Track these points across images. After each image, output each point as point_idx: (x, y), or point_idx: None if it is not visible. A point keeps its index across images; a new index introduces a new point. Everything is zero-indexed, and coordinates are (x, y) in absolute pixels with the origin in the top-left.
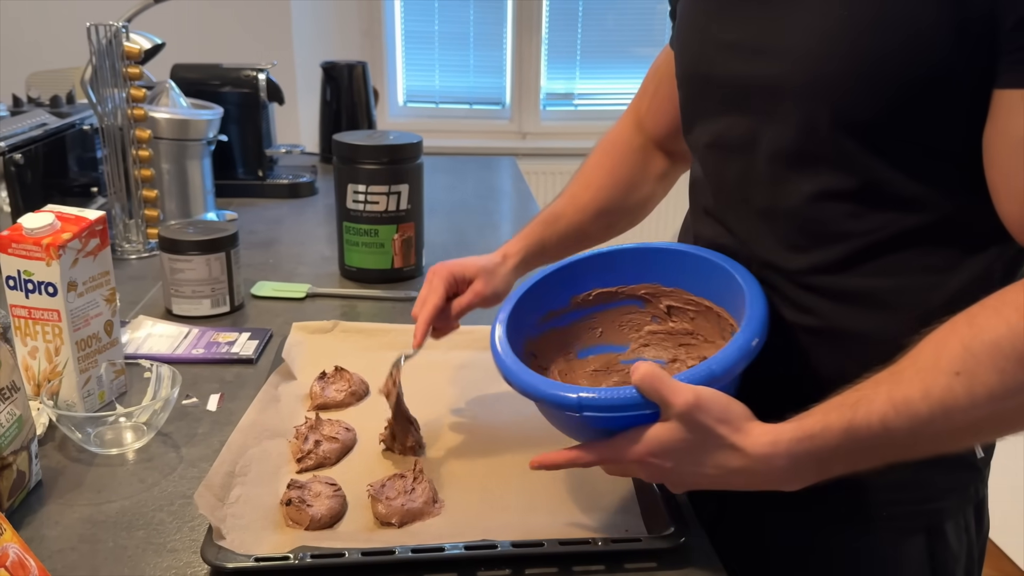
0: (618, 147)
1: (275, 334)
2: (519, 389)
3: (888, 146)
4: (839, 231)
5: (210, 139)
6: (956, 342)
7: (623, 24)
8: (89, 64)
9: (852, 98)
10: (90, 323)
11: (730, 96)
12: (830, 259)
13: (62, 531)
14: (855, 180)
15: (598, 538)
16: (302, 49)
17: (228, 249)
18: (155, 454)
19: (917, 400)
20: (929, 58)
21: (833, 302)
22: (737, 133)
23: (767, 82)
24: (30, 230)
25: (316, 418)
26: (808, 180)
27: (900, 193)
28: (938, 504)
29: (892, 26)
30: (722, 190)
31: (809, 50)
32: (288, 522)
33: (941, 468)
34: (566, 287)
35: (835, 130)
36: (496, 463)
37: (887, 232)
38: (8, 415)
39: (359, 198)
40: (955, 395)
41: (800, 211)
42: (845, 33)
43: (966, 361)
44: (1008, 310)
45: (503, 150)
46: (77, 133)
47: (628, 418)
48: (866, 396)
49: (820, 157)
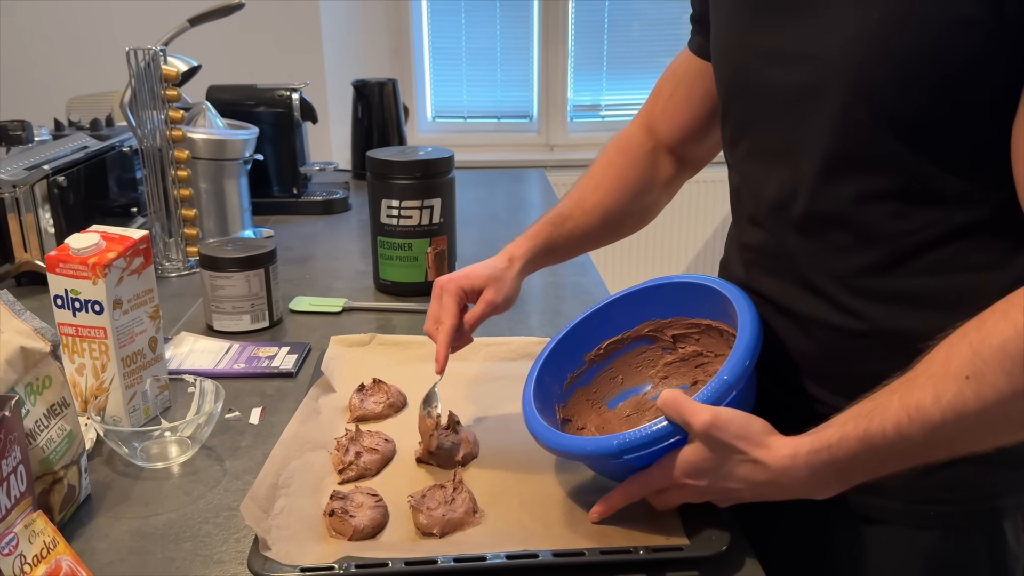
0: (628, 150)
1: (313, 348)
2: (566, 455)
3: (929, 144)
4: (885, 232)
5: (246, 158)
6: (965, 346)
7: (648, 34)
8: (128, 87)
9: (889, 97)
10: (135, 340)
11: (770, 103)
12: (877, 260)
13: (112, 543)
14: (898, 180)
15: (639, 547)
16: (332, 68)
17: (267, 265)
18: (200, 467)
19: (929, 406)
20: (964, 53)
21: (882, 304)
22: (778, 139)
23: (805, 87)
24: (76, 250)
25: (356, 430)
26: (851, 182)
27: (944, 191)
28: (995, 502)
29: (924, 22)
30: (765, 197)
31: (843, 52)
32: (331, 533)
33: (995, 465)
34: (577, 348)
35: (875, 130)
36: (534, 472)
37: (933, 231)
38: (59, 430)
39: (393, 213)
40: (965, 399)
41: (845, 214)
42: (877, 33)
43: (975, 365)
44: (1015, 312)
45: (531, 163)
46: (117, 155)
47: (664, 448)
48: (880, 405)
49: (862, 159)
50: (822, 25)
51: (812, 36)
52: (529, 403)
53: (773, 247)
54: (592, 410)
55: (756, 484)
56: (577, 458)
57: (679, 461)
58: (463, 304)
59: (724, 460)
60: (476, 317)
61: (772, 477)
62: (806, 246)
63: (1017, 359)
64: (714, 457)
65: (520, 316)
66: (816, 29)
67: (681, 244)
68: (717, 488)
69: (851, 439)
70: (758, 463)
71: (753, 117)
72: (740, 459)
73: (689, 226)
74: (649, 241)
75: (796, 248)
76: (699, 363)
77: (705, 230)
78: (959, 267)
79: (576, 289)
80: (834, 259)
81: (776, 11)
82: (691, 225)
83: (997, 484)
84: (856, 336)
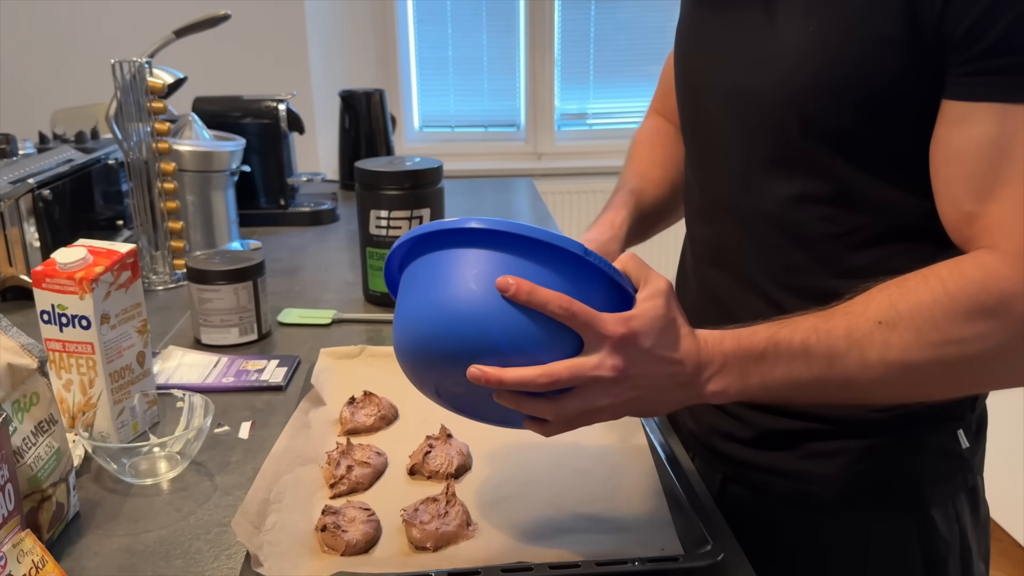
0: (662, 133)
1: (303, 360)
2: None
3: (857, 153)
4: (812, 234)
5: (233, 170)
6: (884, 296)
7: (634, 43)
8: (114, 100)
9: (821, 109)
10: (123, 355)
11: (715, 106)
12: (805, 261)
13: (102, 562)
14: (829, 185)
15: (635, 558)
16: (319, 78)
17: (255, 278)
18: (189, 483)
19: (839, 336)
20: (887, 70)
21: (810, 302)
22: (720, 141)
23: (746, 93)
24: (63, 264)
25: (347, 443)
26: (785, 185)
27: (873, 197)
28: (923, 491)
29: (856, 42)
30: (710, 194)
31: (783, 64)
32: (324, 548)
33: (923, 457)
34: None
35: (806, 139)
36: (528, 483)
37: (862, 235)
38: (47, 447)
39: (382, 223)
40: (873, 340)
41: (778, 214)
42: (815, 49)
43: (889, 314)
44: (934, 280)
45: (519, 171)
46: (102, 168)
47: (614, 288)
48: (795, 320)
49: (795, 163)
50: (768, 36)
51: (751, 47)
52: None
53: (717, 242)
54: None
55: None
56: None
57: (636, 312)
58: None
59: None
60: None
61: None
62: (743, 243)
63: (929, 319)
64: (668, 316)
65: None
66: (757, 36)
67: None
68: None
69: (759, 335)
70: (692, 336)
71: (699, 119)
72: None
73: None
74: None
75: (735, 244)
76: None
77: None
78: (881, 271)
79: None
80: (767, 257)
81: (720, 22)
82: None
83: (924, 474)
84: None
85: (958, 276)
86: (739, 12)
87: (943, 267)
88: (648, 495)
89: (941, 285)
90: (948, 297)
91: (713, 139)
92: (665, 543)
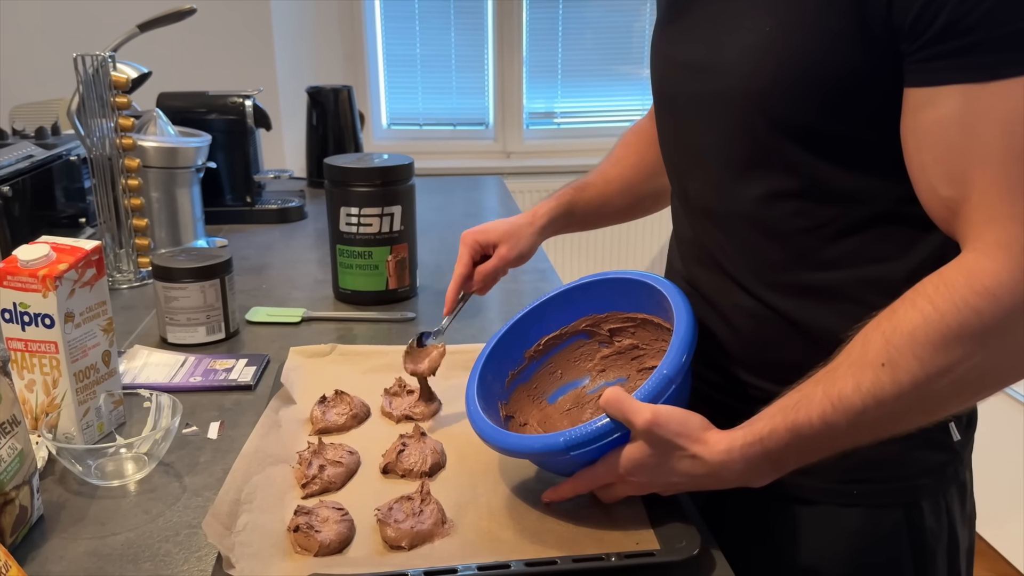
0: (643, 133)
1: (272, 359)
2: (512, 453)
3: (823, 148)
4: (786, 229)
5: (199, 166)
6: (879, 335)
7: (601, 43)
8: (76, 94)
9: (783, 106)
10: (88, 354)
11: (687, 111)
12: (782, 257)
13: (67, 566)
14: (799, 180)
15: (611, 553)
16: (285, 74)
17: (222, 276)
18: (157, 484)
19: (850, 394)
20: (844, 64)
21: (793, 297)
22: (693, 143)
23: (711, 96)
24: (25, 262)
25: (319, 443)
26: (756, 184)
27: (843, 188)
28: (913, 482)
29: (812, 39)
30: (689, 196)
31: (744, 66)
32: (297, 548)
33: (914, 448)
34: (516, 346)
35: (772, 136)
36: (502, 481)
37: (833, 227)
38: (9, 449)
39: (352, 221)
40: (882, 385)
41: (751, 213)
42: (774, 49)
43: (889, 353)
44: (922, 301)
45: (488, 170)
46: (64, 164)
47: (609, 444)
48: (806, 396)
49: (764, 162)
50: (723, 38)
51: (715, 48)
52: (473, 402)
53: (700, 242)
54: (533, 405)
55: (695, 477)
56: (524, 456)
57: (623, 459)
58: (478, 255)
59: (666, 457)
60: (487, 270)
61: (710, 470)
62: (723, 242)
63: (927, 345)
64: (655, 454)
65: (483, 323)
66: (718, 42)
67: (640, 247)
68: (659, 482)
69: (781, 431)
70: (696, 458)
71: (674, 122)
72: (680, 455)
73: (647, 229)
74: (609, 245)
75: (716, 243)
76: (635, 355)
77: (663, 234)
78: (859, 260)
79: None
80: (748, 256)
81: (691, 26)
82: (649, 229)
83: (915, 465)
84: (774, 327)
85: (943, 288)
86: (701, 18)
87: (928, 283)
88: None
89: (930, 303)
90: (938, 314)
91: (688, 146)
92: (640, 538)
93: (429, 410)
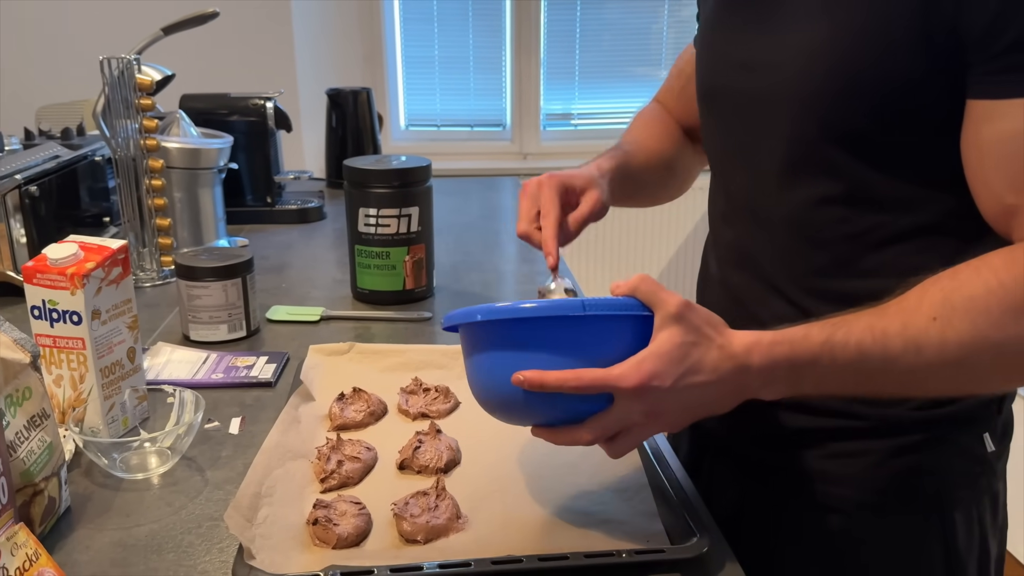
0: (662, 118)
1: (292, 357)
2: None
3: (873, 153)
4: (831, 236)
5: (221, 167)
6: (937, 291)
7: (619, 45)
8: (101, 96)
9: (836, 110)
10: (113, 350)
11: (735, 110)
12: (825, 263)
13: (93, 555)
14: (845, 186)
15: (622, 550)
16: (305, 76)
17: (244, 275)
18: (180, 478)
19: (894, 334)
20: (903, 70)
21: (834, 304)
22: (743, 144)
23: (764, 97)
24: (54, 260)
25: (337, 438)
26: (802, 188)
27: (890, 196)
28: (948, 492)
29: (869, 42)
30: (731, 198)
31: (797, 67)
32: (315, 541)
33: (948, 459)
34: None
35: (823, 140)
36: (516, 477)
37: (877, 235)
38: (39, 442)
39: (370, 221)
40: (929, 337)
41: (796, 217)
42: (829, 50)
43: (944, 309)
44: (987, 271)
45: (505, 171)
46: (89, 164)
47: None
48: (848, 320)
49: (811, 165)
50: (782, 39)
51: (773, 49)
52: None
53: (740, 245)
54: None
55: (719, 376)
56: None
57: (651, 351)
58: (563, 201)
59: (693, 347)
60: (583, 216)
61: (735, 364)
62: (766, 246)
63: (985, 313)
64: (684, 343)
65: None
66: (777, 42)
67: (655, 254)
68: (681, 388)
69: (813, 340)
70: (724, 348)
71: (723, 121)
72: (709, 345)
73: (663, 236)
74: (625, 250)
75: (758, 247)
76: None
77: (678, 239)
78: (901, 270)
79: None
80: (788, 260)
81: (745, 24)
82: (665, 235)
83: (949, 476)
84: None
85: (1012, 264)
86: (755, 17)
87: (996, 256)
88: (635, 489)
89: (995, 276)
90: (1002, 288)
91: (734, 145)
92: (651, 536)
93: (445, 408)
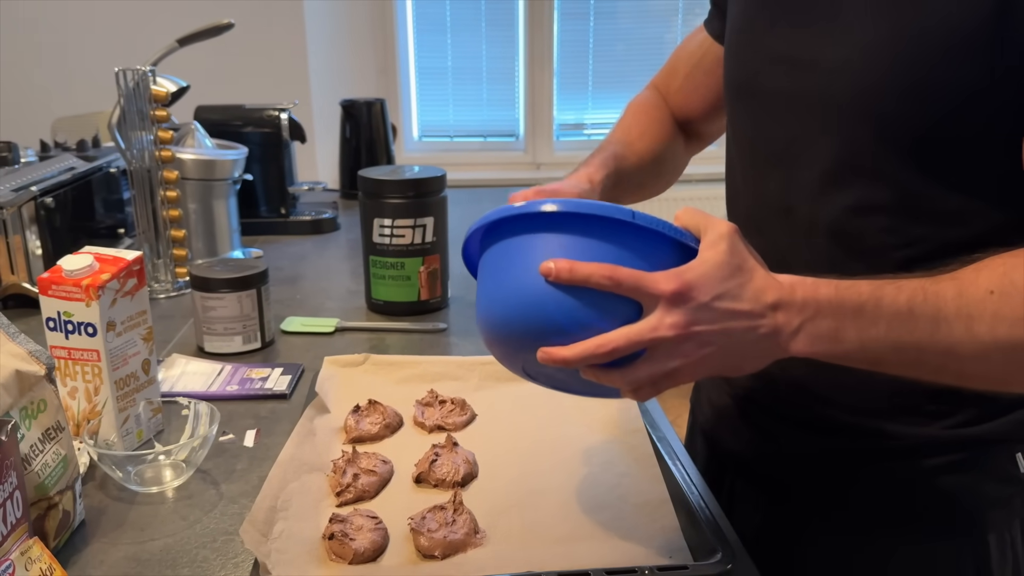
0: (654, 108)
1: (307, 369)
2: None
3: (929, 161)
4: (876, 245)
5: (236, 178)
6: (998, 265)
7: (632, 55)
8: (117, 107)
9: (891, 112)
10: (128, 362)
11: (776, 108)
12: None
13: (108, 570)
14: (892, 194)
15: (644, 567)
16: (319, 87)
17: (258, 286)
18: (195, 491)
19: (948, 299)
20: (968, 74)
21: None
22: (781, 144)
23: (810, 95)
24: (69, 272)
25: (353, 451)
26: (848, 193)
27: (938, 207)
28: (980, 514)
29: (934, 39)
30: (762, 201)
31: (852, 64)
32: (331, 556)
33: (981, 480)
34: None
35: (876, 143)
36: (535, 491)
37: (922, 247)
38: (54, 455)
39: (385, 232)
40: (984, 308)
41: (838, 224)
42: (887, 46)
43: (1003, 283)
44: None
45: (518, 181)
46: (104, 176)
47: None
48: (900, 278)
49: (860, 170)
50: (835, 36)
51: (823, 46)
52: None
53: (769, 251)
54: None
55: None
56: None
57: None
58: None
59: (738, 269)
60: None
61: (777, 297)
62: (800, 253)
63: None
64: (730, 264)
65: None
66: (828, 40)
67: None
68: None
69: (862, 288)
70: (769, 278)
71: (758, 120)
72: (752, 271)
73: None
74: None
75: (791, 254)
76: None
77: None
78: None
79: None
80: (823, 267)
81: (792, 18)
82: None
83: (984, 498)
84: None
85: None
86: (802, 8)
87: None
88: (656, 503)
89: None
90: None
91: (770, 143)
92: (674, 552)
93: (461, 420)
